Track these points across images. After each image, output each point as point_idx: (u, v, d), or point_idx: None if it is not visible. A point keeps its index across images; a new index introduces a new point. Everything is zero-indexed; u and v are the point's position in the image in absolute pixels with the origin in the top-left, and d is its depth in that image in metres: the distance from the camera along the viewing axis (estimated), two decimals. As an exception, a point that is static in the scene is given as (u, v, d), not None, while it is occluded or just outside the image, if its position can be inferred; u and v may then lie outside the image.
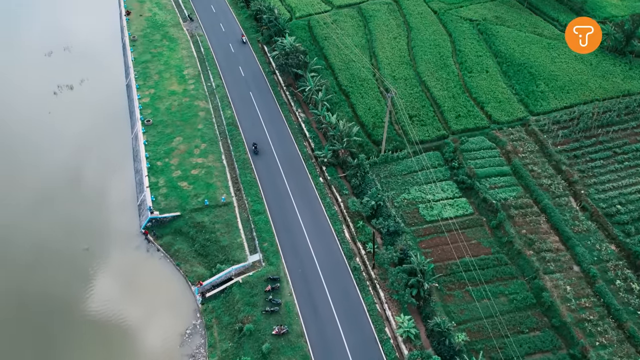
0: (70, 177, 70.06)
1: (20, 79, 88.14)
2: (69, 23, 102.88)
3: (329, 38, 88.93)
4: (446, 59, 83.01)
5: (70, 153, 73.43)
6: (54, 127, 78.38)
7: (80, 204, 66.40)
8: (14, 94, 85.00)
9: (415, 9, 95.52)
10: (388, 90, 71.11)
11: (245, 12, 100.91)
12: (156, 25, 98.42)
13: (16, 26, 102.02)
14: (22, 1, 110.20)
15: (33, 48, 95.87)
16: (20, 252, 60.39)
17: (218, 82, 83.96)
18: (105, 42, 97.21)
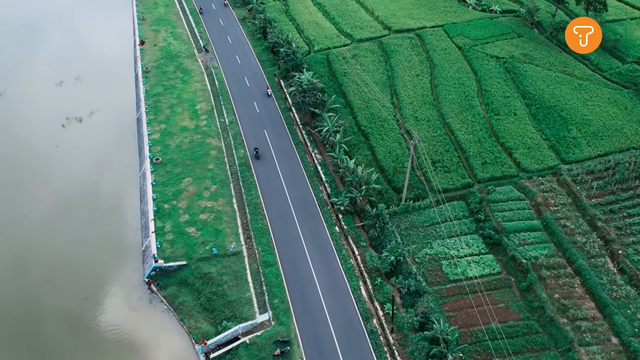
0: (74, 217, 67.40)
1: (29, 110, 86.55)
2: (82, 51, 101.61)
3: (348, 74, 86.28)
4: (471, 100, 79.74)
5: (75, 191, 70.92)
6: (60, 162, 76.15)
7: (82, 247, 63.64)
8: (22, 126, 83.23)
9: (438, 45, 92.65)
10: (411, 136, 67.84)
11: (262, 44, 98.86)
12: (170, 56, 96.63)
13: (29, 54, 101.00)
14: (36, 28, 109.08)
15: (44, 77, 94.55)
16: (12, 301, 57.45)
17: (232, 118, 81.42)
18: (118, 73, 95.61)
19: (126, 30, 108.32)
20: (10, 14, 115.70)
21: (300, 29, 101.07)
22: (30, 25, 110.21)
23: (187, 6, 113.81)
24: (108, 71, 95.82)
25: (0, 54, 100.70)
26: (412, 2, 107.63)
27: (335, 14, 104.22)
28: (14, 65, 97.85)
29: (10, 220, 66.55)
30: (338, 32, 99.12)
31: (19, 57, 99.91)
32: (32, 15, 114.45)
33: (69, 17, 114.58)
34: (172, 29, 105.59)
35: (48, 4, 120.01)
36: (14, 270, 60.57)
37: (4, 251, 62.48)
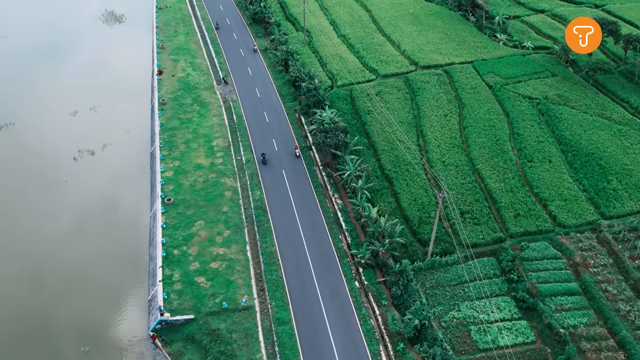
0: (77, 259, 64.49)
1: (41, 141, 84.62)
2: (98, 80, 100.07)
3: (372, 112, 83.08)
4: (503, 144, 75.84)
5: (82, 230, 68.28)
6: (68, 198, 73.81)
7: (85, 292, 60.58)
8: (32, 158, 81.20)
9: (468, 83, 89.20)
10: (440, 188, 64.11)
11: (284, 77, 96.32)
12: (188, 87, 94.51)
13: (44, 81, 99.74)
14: (52, 55, 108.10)
15: (58, 106, 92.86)
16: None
17: (249, 157, 78.51)
18: (134, 103, 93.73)
19: (145, 58, 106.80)
20: (27, 39, 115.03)
21: (323, 62, 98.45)
22: (46, 52, 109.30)
23: (208, 36, 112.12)
24: (124, 101, 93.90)
25: (15, 82, 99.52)
26: (440, 36, 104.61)
27: (360, 47, 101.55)
28: (28, 93, 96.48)
29: (8, 263, 63.81)
30: (362, 66, 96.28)
31: (33, 85, 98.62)
32: (49, 41, 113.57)
33: (87, 44, 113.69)
34: (191, 59, 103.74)
35: (66, 30, 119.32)
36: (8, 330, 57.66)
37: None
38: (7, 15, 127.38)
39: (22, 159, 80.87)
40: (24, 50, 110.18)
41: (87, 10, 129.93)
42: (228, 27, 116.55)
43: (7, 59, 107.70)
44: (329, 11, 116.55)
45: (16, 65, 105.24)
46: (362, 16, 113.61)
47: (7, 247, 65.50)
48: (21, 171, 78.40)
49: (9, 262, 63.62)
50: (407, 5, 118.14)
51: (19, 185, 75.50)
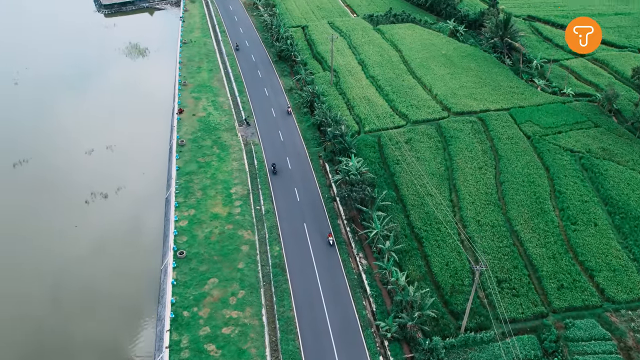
0: (80, 317, 60.80)
1: (53, 181, 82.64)
2: (117, 117, 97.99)
3: (402, 162, 78.72)
4: (543, 203, 70.68)
5: (87, 285, 64.61)
6: (76, 244, 70.87)
7: (85, 357, 56.52)
8: (43, 199, 78.66)
9: (504, 132, 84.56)
10: (476, 256, 59.19)
11: (309, 120, 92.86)
12: (209, 127, 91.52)
13: (61, 117, 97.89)
14: (72, 89, 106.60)
15: (74, 144, 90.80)
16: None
17: (268, 207, 74.53)
18: (152, 144, 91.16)
19: (166, 95, 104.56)
20: (47, 71, 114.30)
21: (350, 104, 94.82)
22: (66, 85, 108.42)
23: (232, 72, 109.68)
24: (142, 141, 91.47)
25: (33, 116, 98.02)
26: (474, 80, 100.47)
27: (389, 89, 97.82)
28: (45, 128, 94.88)
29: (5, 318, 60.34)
30: (392, 110, 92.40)
31: (51, 120, 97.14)
32: (70, 73, 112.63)
33: (108, 78, 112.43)
34: (213, 97, 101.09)
35: (88, 62, 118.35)
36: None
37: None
38: (30, 45, 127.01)
39: (32, 200, 78.29)
40: (44, 83, 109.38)
41: (111, 42, 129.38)
42: (253, 64, 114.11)
43: (26, 91, 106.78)
44: (357, 50, 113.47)
45: (35, 98, 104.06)
46: (392, 56, 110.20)
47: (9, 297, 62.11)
48: (30, 214, 75.67)
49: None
50: (439, 46, 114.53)
51: (26, 230, 72.53)
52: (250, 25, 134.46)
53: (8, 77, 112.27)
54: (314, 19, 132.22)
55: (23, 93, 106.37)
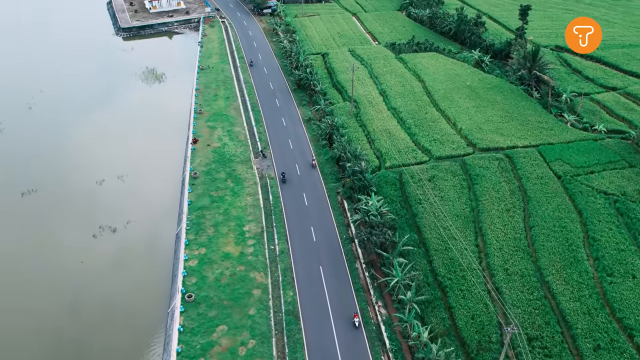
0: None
1: (61, 213, 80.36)
2: (130, 146, 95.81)
3: (424, 201, 75.13)
4: (576, 251, 66.56)
5: (86, 329, 61.69)
6: (81, 281, 68.27)
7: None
8: (49, 233, 76.31)
9: (533, 171, 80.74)
10: (506, 316, 55.23)
11: (327, 153, 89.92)
12: (223, 159, 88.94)
13: (73, 145, 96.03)
14: (84, 116, 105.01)
15: (86, 172, 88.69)
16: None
17: (283, 247, 71.32)
18: (164, 175, 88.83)
19: (181, 123, 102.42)
20: (61, 94, 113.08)
21: (370, 137, 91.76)
22: (79, 110, 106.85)
23: (249, 101, 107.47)
24: (154, 172, 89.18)
25: (43, 142, 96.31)
26: (500, 114, 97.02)
27: (411, 122, 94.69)
28: (55, 156, 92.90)
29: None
30: (414, 145, 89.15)
31: (62, 147, 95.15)
32: (83, 98, 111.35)
33: (123, 104, 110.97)
34: (229, 126, 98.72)
35: (103, 87, 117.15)
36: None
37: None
38: (46, 67, 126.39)
39: (38, 233, 75.93)
40: (57, 107, 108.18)
41: (128, 66, 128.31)
42: (270, 92, 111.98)
43: (39, 116, 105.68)
44: (379, 80, 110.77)
45: (48, 123, 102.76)
46: (415, 87, 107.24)
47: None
48: (36, 249, 73.22)
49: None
50: (463, 76, 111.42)
51: (30, 267, 70.00)
52: (269, 51, 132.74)
53: (22, 101, 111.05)
54: (334, 46, 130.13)
55: (36, 118, 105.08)
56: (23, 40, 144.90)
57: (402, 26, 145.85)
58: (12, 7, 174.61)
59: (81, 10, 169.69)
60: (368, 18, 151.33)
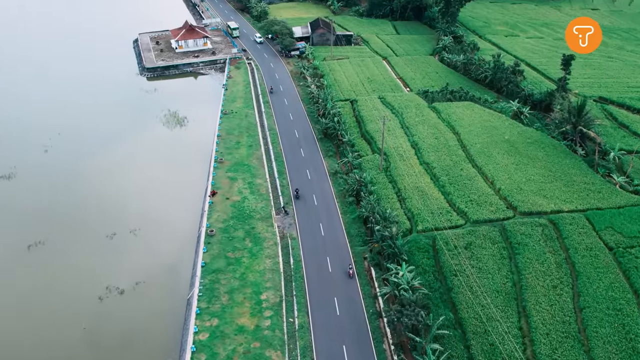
0: None
1: (67, 270, 76.31)
2: (146, 195, 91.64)
3: (461, 273, 68.72)
4: (635, 340, 59.66)
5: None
6: (80, 352, 62.59)
7: None
8: (53, 292, 71.85)
9: (581, 241, 74.02)
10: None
11: (354, 211, 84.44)
12: (242, 215, 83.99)
13: (86, 193, 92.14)
14: (102, 160, 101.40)
15: (97, 225, 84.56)
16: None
17: (303, 320, 65.46)
18: (178, 231, 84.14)
19: (200, 172, 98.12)
20: (78, 138, 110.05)
21: (401, 196, 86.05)
22: (95, 156, 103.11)
23: (273, 150, 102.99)
24: (168, 226, 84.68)
25: (55, 190, 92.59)
26: (542, 172, 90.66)
27: (446, 180, 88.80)
28: (66, 205, 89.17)
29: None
30: (448, 205, 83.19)
31: (74, 196, 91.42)
32: (101, 143, 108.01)
33: (141, 148, 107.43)
34: (250, 178, 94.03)
35: (123, 130, 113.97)
36: None
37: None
38: (66, 107, 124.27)
39: (39, 292, 71.48)
40: (73, 152, 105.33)
41: (150, 108, 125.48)
42: (295, 141, 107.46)
43: (54, 160, 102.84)
44: (410, 131, 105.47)
45: (62, 168, 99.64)
46: (449, 139, 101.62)
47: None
48: (35, 312, 68.54)
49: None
50: (501, 128, 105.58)
51: (25, 335, 65.15)
52: (295, 95, 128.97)
53: (39, 143, 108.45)
54: (363, 93, 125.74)
55: (50, 163, 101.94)
56: (45, 76, 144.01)
57: (434, 72, 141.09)
58: (37, 39, 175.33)
59: (107, 47, 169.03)
60: (399, 62, 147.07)
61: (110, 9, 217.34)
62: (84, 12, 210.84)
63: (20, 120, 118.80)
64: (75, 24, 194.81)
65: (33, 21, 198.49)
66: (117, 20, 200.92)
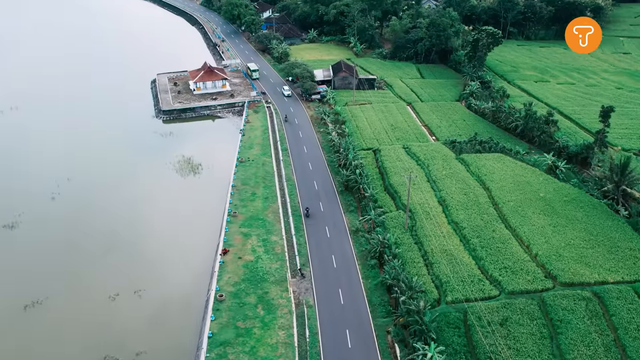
0: None
1: (63, 339, 70.53)
2: (154, 253, 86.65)
3: (496, 355, 61.79)
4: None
5: None
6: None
7: None
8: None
9: (631, 319, 67.43)
10: None
11: (377, 276, 78.44)
12: (255, 277, 78.41)
13: (90, 251, 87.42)
14: (108, 215, 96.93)
15: (99, 284, 79.76)
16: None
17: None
18: (185, 294, 78.69)
19: (211, 229, 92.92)
20: (86, 184, 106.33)
21: (428, 260, 79.80)
22: (103, 207, 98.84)
23: (290, 203, 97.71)
24: (175, 289, 79.49)
25: (58, 244, 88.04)
26: (583, 236, 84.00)
27: (477, 242, 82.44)
28: (69, 262, 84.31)
29: None
30: (480, 273, 76.79)
31: (78, 252, 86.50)
32: (110, 191, 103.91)
33: (150, 201, 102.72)
34: (265, 235, 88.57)
35: (132, 178, 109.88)
36: None
37: None
38: (78, 150, 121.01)
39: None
40: (81, 201, 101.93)
41: (164, 153, 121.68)
42: (314, 193, 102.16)
43: (60, 210, 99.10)
44: (437, 185, 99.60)
45: (67, 219, 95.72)
46: (479, 196, 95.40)
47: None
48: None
49: None
50: (535, 184, 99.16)
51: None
52: (316, 143, 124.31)
53: (46, 190, 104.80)
54: (387, 141, 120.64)
55: (56, 212, 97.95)
56: (57, 115, 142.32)
57: (462, 119, 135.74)
58: (52, 77, 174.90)
59: (125, 87, 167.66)
60: (424, 109, 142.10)
61: (130, 47, 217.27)
62: (104, 51, 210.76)
63: (30, 162, 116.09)
64: (94, 62, 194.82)
65: (54, 58, 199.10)
66: (137, 58, 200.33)
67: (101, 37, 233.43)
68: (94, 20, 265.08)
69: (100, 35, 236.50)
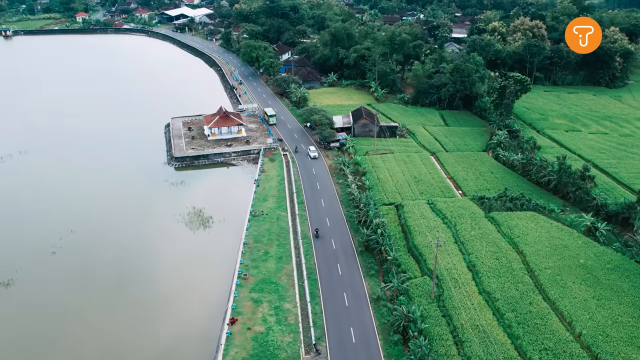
0: None
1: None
2: (158, 324, 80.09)
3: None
4: None
5: None
6: None
7: None
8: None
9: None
10: None
11: (401, 356, 70.74)
12: (265, 354, 71.49)
13: (87, 314, 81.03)
14: (111, 272, 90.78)
15: (98, 354, 72.14)
16: None
17: None
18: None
19: (219, 292, 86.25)
20: (90, 238, 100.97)
21: (458, 337, 71.90)
22: (105, 264, 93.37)
23: (305, 264, 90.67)
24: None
25: (51, 310, 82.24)
26: (631, 312, 76.09)
27: (512, 317, 74.55)
28: (58, 332, 78.09)
29: None
30: (518, 354, 68.50)
31: (72, 317, 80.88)
32: (113, 246, 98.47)
33: (155, 259, 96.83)
34: (278, 301, 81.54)
35: (138, 233, 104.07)
36: None
37: None
38: (84, 200, 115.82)
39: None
40: (83, 256, 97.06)
41: (174, 204, 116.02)
42: (332, 253, 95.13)
43: (60, 266, 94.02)
44: (465, 247, 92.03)
45: (66, 277, 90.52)
46: (512, 261, 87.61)
47: None
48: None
49: None
50: (574, 249, 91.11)
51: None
52: (334, 195, 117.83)
53: (47, 244, 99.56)
54: (410, 196, 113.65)
55: (55, 269, 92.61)
56: (66, 159, 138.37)
57: (489, 171, 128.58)
58: (67, 116, 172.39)
59: (137, 132, 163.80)
60: (449, 159, 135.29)
61: (147, 89, 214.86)
62: (121, 92, 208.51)
63: (34, 212, 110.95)
64: (110, 104, 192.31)
65: (70, 97, 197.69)
66: (152, 101, 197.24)
67: (119, 78, 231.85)
68: (113, 61, 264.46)
69: (119, 76, 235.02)
